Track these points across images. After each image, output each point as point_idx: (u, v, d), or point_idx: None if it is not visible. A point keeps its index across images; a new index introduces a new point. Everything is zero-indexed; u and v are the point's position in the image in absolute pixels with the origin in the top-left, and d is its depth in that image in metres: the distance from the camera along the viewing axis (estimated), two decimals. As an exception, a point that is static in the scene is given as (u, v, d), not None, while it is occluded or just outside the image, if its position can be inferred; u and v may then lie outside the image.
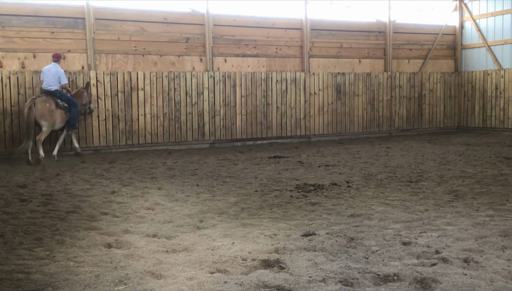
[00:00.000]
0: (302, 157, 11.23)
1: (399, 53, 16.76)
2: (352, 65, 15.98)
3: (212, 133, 13.83)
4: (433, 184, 7.54)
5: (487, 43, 17.00)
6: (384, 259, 4.06)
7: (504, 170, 8.58)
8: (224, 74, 13.98)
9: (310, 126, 15.23)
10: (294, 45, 15.02)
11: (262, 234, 4.93)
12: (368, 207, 6.08)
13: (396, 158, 10.68)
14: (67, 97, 11.04)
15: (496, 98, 16.72)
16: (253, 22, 14.42)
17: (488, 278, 3.53)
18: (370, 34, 16.17)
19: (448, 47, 17.79)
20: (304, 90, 15.06)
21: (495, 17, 16.78)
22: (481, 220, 5.20)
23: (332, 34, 15.51)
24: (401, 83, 16.67)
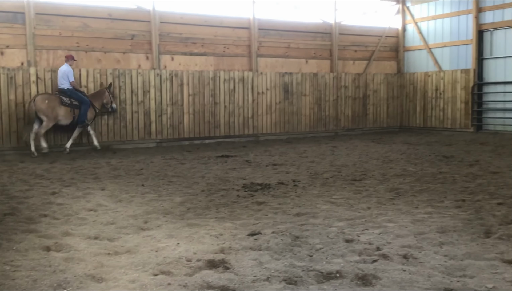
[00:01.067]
0: (250, 157, 11.25)
1: (345, 54, 17.12)
2: (300, 65, 16.18)
3: (159, 132, 13.64)
4: (376, 182, 7.73)
5: (428, 46, 17.65)
6: (327, 257, 4.12)
7: (443, 168, 8.92)
8: (171, 72, 13.81)
9: (258, 126, 15.30)
10: (242, 45, 15.04)
11: (208, 234, 4.89)
12: (313, 205, 6.15)
13: (341, 157, 10.88)
14: (78, 96, 11.78)
15: (436, 99, 17.38)
16: (201, 21, 14.32)
17: (426, 274, 3.65)
18: (316, 35, 16.43)
19: (391, 49, 18.34)
20: (252, 89, 15.12)
21: (435, 21, 17.44)
22: (420, 217, 5.37)
23: (279, 34, 15.64)
24: (347, 84, 17.04)
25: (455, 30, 16.86)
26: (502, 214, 5.41)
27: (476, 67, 16.23)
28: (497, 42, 15.86)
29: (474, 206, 5.88)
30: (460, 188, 7.02)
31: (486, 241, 4.42)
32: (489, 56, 16.11)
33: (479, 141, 13.41)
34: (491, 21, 15.82)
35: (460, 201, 6.16)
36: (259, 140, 15.07)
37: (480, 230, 4.78)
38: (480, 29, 16.12)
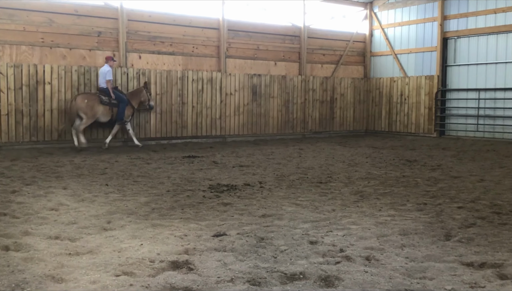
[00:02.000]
0: (217, 157, 11.22)
1: (313, 57, 17.28)
2: (268, 67, 16.23)
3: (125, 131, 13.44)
4: (341, 184, 7.81)
5: (394, 52, 17.99)
6: (291, 258, 4.13)
7: (406, 172, 9.09)
8: (139, 71, 13.65)
9: (226, 127, 15.28)
10: (211, 45, 14.99)
11: (172, 234, 4.84)
12: (279, 207, 6.17)
13: (308, 159, 10.97)
14: (116, 95, 12.37)
15: (401, 104, 17.73)
16: (170, 20, 14.21)
17: (387, 275, 3.71)
18: (285, 38, 16.52)
19: (359, 54, 18.61)
20: (220, 90, 15.08)
21: (402, 27, 17.79)
22: (383, 220, 5.46)
23: (249, 36, 15.66)
24: (315, 87, 17.19)
25: (420, 37, 17.24)
26: (462, 217, 5.55)
27: (440, 74, 16.64)
28: (461, 49, 16.29)
29: (435, 209, 6.01)
30: (422, 192, 7.16)
31: (446, 243, 4.52)
32: (453, 64, 16.54)
33: (442, 146, 13.74)
34: (455, 29, 16.24)
35: (422, 204, 6.29)
36: (226, 142, 15.04)
37: (441, 233, 4.89)
38: (445, 37, 16.53)
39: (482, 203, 6.31)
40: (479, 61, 15.76)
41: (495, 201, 6.47)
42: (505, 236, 4.73)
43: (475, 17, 15.68)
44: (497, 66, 15.33)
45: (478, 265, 3.92)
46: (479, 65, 15.78)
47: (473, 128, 16.05)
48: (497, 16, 15.13)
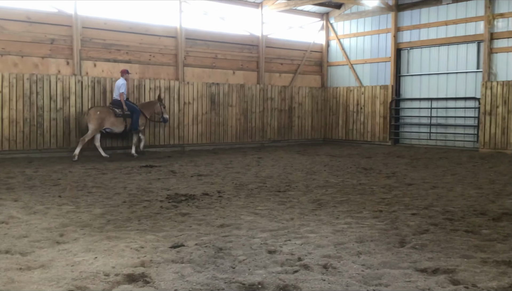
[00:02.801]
0: (175, 166, 11.10)
1: (271, 66, 17.41)
2: (227, 76, 16.24)
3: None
4: (300, 193, 7.86)
5: (350, 62, 18.34)
6: (250, 268, 4.12)
7: (362, 180, 9.25)
8: (94, 79, 13.38)
9: (184, 136, 15.16)
10: (169, 53, 14.87)
11: (128, 247, 4.74)
12: (238, 216, 6.15)
13: (267, 168, 11.00)
14: (130, 106, 12.94)
15: (357, 113, 18.08)
16: (126, 27, 14.02)
17: (344, 283, 3.74)
18: (244, 47, 16.59)
19: (316, 64, 18.88)
20: (178, 99, 14.97)
21: (357, 38, 18.18)
22: (340, 227, 5.52)
23: (207, 45, 15.63)
24: (273, 96, 17.31)
25: (375, 47, 17.66)
26: (415, 224, 5.68)
27: (394, 84, 17.08)
28: (414, 60, 16.79)
29: (390, 216, 6.13)
30: (378, 199, 7.30)
31: (401, 250, 4.61)
32: (406, 74, 17.01)
33: (396, 154, 14.07)
34: (408, 40, 16.73)
35: (377, 212, 6.40)
36: (185, 151, 14.91)
37: (396, 239, 4.99)
38: (398, 48, 17.00)
39: (435, 210, 6.49)
40: (431, 71, 16.28)
41: (447, 207, 6.65)
42: (457, 242, 4.87)
43: (427, 29, 16.21)
44: (448, 76, 15.87)
45: (432, 271, 4.01)
46: (431, 75, 16.29)
47: (426, 136, 16.52)
48: (448, 28, 15.68)
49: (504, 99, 14.19)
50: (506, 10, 14.26)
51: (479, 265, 4.12)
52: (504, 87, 14.20)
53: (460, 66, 15.56)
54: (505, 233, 5.24)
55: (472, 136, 15.37)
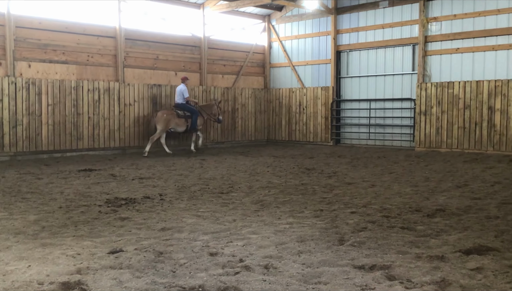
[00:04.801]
0: (115, 170, 10.83)
1: (214, 68, 17.36)
2: (169, 78, 16.03)
3: (13, 144, 12.57)
4: (243, 194, 7.87)
5: (292, 63, 18.59)
6: (191, 272, 4.07)
7: (304, 180, 9.38)
8: (28, 80, 12.84)
9: (125, 138, 14.82)
10: (108, 54, 14.50)
11: (64, 254, 4.57)
12: (179, 219, 6.07)
13: (210, 170, 10.94)
14: (189, 108, 14.73)
15: (300, 114, 18.33)
16: (62, 27, 13.55)
17: (284, 283, 3.77)
18: (186, 48, 16.44)
19: (258, 65, 19.00)
20: (119, 100, 14.62)
21: (298, 40, 18.44)
22: (282, 228, 5.56)
23: (148, 45, 15.37)
24: (216, 97, 17.24)
25: (316, 49, 17.98)
26: (354, 222, 5.82)
27: (335, 85, 17.45)
28: (353, 62, 17.22)
29: (330, 215, 6.24)
30: (319, 199, 7.42)
31: (340, 248, 4.70)
32: (346, 75, 17.43)
33: (337, 154, 14.37)
34: (348, 42, 17.15)
35: (318, 211, 6.51)
36: (126, 153, 14.59)
37: (335, 238, 5.08)
38: (338, 50, 17.39)
39: (373, 208, 6.67)
40: (370, 73, 16.76)
41: (385, 205, 6.86)
42: (393, 239, 5.02)
43: (365, 32, 16.67)
44: (385, 78, 16.39)
45: (369, 267, 4.11)
46: (370, 77, 16.77)
47: (365, 136, 16.99)
48: (384, 31, 16.19)
49: (438, 100, 14.82)
50: (439, 14, 14.91)
51: (413, 261, 4.27)
52: (437, 88, 14.83)
53: (397, 68, 16.12)
54: (438, 228, 5.46)
55: (409, 135, 15.94)
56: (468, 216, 6.10)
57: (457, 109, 14.42)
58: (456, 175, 9.89)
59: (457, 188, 8.24)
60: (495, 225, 5.58)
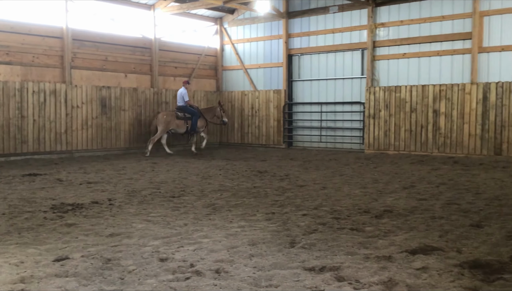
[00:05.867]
0: (62, 174, 10.51)
1: (165, 70, 17.15)
2: (118, 79, 15.72)
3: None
4: (194, 198, 7.80)
5: (244, 66, 18.63)
6: (140, 278, 3.99)
7: (257, 183, 9.39)
8: (-31, 81, 12.26)
9: (73, 141, 14.41)
10: (54, 55, 14.07)
11: (7, 262, 4.38)
12: (129, 225, 5.95)
13: (161, 173, 10.79)
14: (189, 110, 15.28)
15: (252, 116, 18.39)
16: (6, 27, 13.03)
17: (235, 287, 3.75)
18: (136, 50, 16.17)
19: (211, 68, 18.93)
20: (66, 103, 14.20)
21: (250, 43, 18.51)
22: (234, 231, 5.54)
23: (96, 46, 15.01)
24: (168, 100, 17.06)
25: (268, 53, 18.10)
26: (305, 224, 5.87)
27: (287, 88, 17.61)
28: (304, 66, 17.44)
29: (282, 218, 6.28)
30: (271, 201, 7.45)
31: (291, 250, 4.73)
32: (298, 79, 17.62)
33: (290, 157, 14.51)
34: (299, 46, 17.35)
35: (270, 214, 6.53)
36: (74, 157, 14.17)
37: (286, 240, 5.11)
38: (290, 54, 17.57)
39: (324, 210, 6.76)
40: (321, 77, 17.02)
41: (335, 207, 6.96)
42: (343, 240, 5.10)
43: (316, 36, 16.92)
44: (336, 81, 16.69)
45: (319, 269, 4.15)
46: (321, 80, 17.03)
47: (317, 139, 17.23)
48: (334, 36, 16.49)
49: (385, 103, 15.22)
50: (386, 20, 15.32)
51: (362, 261, 4.35)
52: (385, 92, 15.23)
53: (347, 72, 16.44)
54: (386, 229, 5.59)
55: (358, 138, 16.29)
56: (414, 216, 6.28)
57: (404, 113, 14.86)
58: (403, 176, 10.17)
59: (404, 189, 8.48)
60: (439, 225, 5.77)
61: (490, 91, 13.39)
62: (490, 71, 13.57)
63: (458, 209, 6.70)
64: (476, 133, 13.62)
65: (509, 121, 13.10)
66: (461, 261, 4.32)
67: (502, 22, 13.34)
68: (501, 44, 13.35)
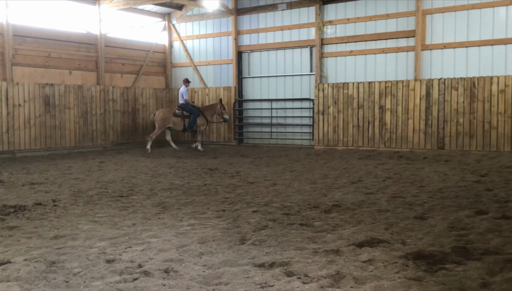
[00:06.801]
0: (4, 175, 10.08)
1: (112, 67, 16.76)
2: (62, 77, 15.22)
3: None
4: (143, 197, 7.67)
5: (194, 63, 18.46)
6: (85, 281, 3.88)
7: (207, 180, 9.34)
8: None
9: (15, 141, 13.84)
10: (-6, 51, 13.45)
11: None
12: (74, 226, 5.77)
13: (109, 173, 10.55)
14: (189, 108, 15.37)
15: (202, 114, 18.23)
16: None
17: (185, 286, 3.71)
18: (81, 46, 15.71)
19: (159, 65, 18.65)
20: (7, 101, 13.62)
21: (200, 40, 18.36)
22: (184, 230, 5.49)
23: (38, 42, 14.47)
24: (115, 97, 16.68)
25: (217, 50, 18.01)
26: (256, 221, 5.88)
27: (237, 85, 17.59)
28: (254, 63, 17.47)
29: (232, 215, 6.27)
30: (222, 199, 7.42)
31: (241, 247, 4.73)
32: (248, 76, 17.64)
33: (240, 154, 14.50)
34: (249, 43, 17.36)
35: (221, 211, 6.50)
36: (16, 157, 13.62)
37: (236, 237, 5.10)
38: (239, 50, 17.55)
39: (274, 206, 6.80)
40: (270, 73, 17.10)
41: (285, 203, 7.02)
42: (293, 235, 5.15)
43: (265, 33, 16.98)
44: (285, 78, 16.82)
45: (269, 265, 4.17)
46: (270, 77, 17.11)
47: (267, 135, 17.31)
48: (283, 33, 16.60)
49: (334, 100, 15.47)
50: (334, 17, 15.56)
51: (311, 256, 4.40)
52: (334, 89, 15.48)
53: (296, 69, 16.59)
54: (334, 223, 5.68)
55: (308, 134, 16.49)
56: (361, 210, 6.41)
57: (352, 109, 15.17)
58: (351, 171, 10.38)
59: (352, 184, 8.65)
60: (385, 218, 5.92)
61: (433, 87, 13.87)
62: (432, 68, 14.06)
63: (403, 202, 6.90)
64: (420, 128, 14.08)
65: (451, 117, 13.61)
66: (406, 252, 4.45)
67: (443, 20, 13.83)
68: (443, 42, 13.84)
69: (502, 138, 12.92)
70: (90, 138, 15.86)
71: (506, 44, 12.96)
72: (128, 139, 17.20)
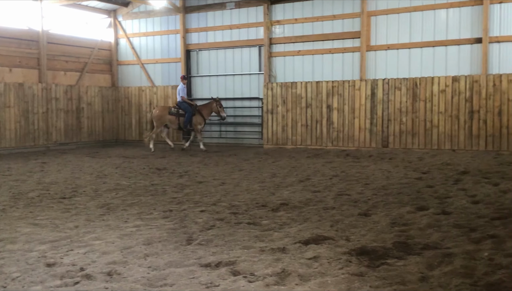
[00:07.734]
0: None
1: (55, 64, 16.22)
2: (2, 74, 14.60)
3: None
4: (87, 198, 7.46)
5: (141, 61, 18.14)
6: (24, 286, 3.73)
7: (155, 180, 9.20)
8: None
9: (-50, 142, 13.15)
10: None
11: None
12: (13, 229, 5.54)
13: (52, 174, 10.21)
14: (184, 106, 14.95)
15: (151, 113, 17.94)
16: None
17: (128, 288, 3.63)
18: (21, 42, 15.11)
19: (105, 62, 18.21)
20: None
21: (147, 37, 18.06)
22: (129, 231, 5.37)
23: (-25, 38, 13.81)
24: (58, 96, 16.16)
25: (165, 48, 17.78)
26: (203, 220, 5.84)
27: (185, 84, 17.41)
28: (203, 61, 17.36)
29: (180, 215, 6.20)
30: (169, 199, 7.33)
31: (188, 248, 4.68)
32: (196, 74, 17.51)
33: (189, 153, 14.38)
34: (197, 42, 17.23)
35: (168, 211, 6.42)
36: (-49, 159, 12.95)
37: (183, 238, 5.04)
38: (188, 49, 17.39)
39: (222, 205, 6.77)
40: (219, 72, 17.04)
41: (233, 202, 7.01)
42: (240, 234, 5.14)
43: (213, 32, 16.91)
44: (234, 77, 16.81)
45: (215, 264, 4.15)
46: (219, 76, 17.06)
47: (217, 135, 17.25)
48: (232, 32, 16.59)
49: (283, 99, 15.61)
50: (282, 17, 15.69)
51: (257, 254, 4.41)
52: (282, 88, 15.61)
53: (245, 68, 16.62)
54: (281, 222, 5.73)
55: (257, 133, 16.56)
56: (308, 208, 6.50)
57: (300, 108, 15.35)
58: (299, 169, 10.50)
59: (300, 182, 8.75)
60: (331, 215, 6.02)
61: (377, 87, 14.24)
62: (377, 69, 14.44)
63: (348, 199, 7.04)
64: (366, 127, 14.42)
65: (394, 116, 14.02)
66: (350, 248, 4.54)
67: (387, 22, 14.23)
68: (387, 43, 14.24)
69: (442, 136, 13.43)
70: (31, 138, 15.29)
71: (446, 46, 13.50)
72: (72, 139, 16.70)
